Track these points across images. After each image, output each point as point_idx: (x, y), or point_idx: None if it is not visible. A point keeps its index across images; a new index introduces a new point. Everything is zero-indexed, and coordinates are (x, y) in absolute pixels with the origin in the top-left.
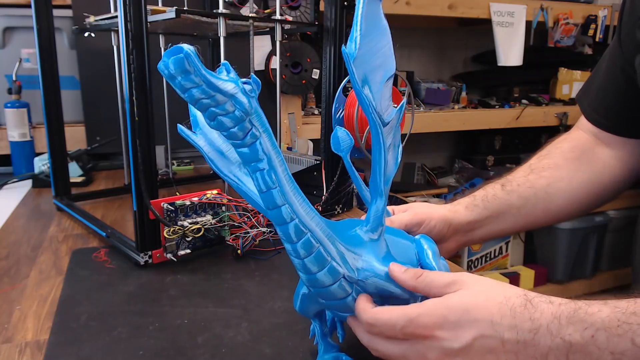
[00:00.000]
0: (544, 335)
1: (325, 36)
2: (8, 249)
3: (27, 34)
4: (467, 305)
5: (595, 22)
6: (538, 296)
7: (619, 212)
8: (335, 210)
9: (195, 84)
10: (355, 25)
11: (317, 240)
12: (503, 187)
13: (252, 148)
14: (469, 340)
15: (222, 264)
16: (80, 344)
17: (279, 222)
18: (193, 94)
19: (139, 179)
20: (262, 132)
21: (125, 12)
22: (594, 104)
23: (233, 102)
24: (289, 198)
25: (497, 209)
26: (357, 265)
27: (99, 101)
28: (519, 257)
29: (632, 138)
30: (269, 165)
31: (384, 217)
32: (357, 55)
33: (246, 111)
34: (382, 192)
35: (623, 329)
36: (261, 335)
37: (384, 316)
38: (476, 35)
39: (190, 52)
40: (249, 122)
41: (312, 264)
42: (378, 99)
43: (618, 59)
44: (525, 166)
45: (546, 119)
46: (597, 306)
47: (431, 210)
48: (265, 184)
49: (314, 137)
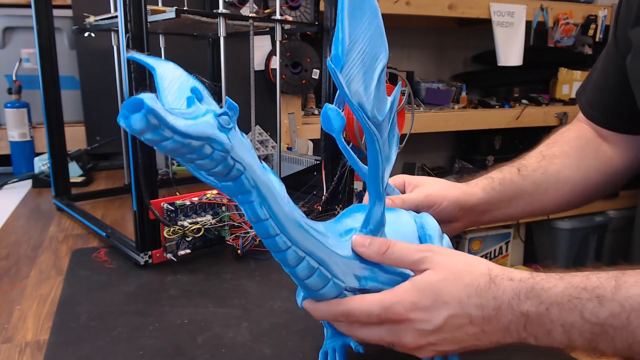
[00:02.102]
0: (506, 311)
1: (325, 36)
2: (8, 249)
3: (27, 34)
4: (437, 289)
5: (595, 22)
6: (501, 273)
7: (619, 212)
8: (335, 210)
9: (165, 137)
10: (341, 22)
11: (317, 261)
12: (519, 171)
13: (237, 182)
14: (440, 321)
15: (222, 264)
16: (80, 344)
17: (274, 250)
18: (164, 146)
19: (139, 179)
20: (247, 164)
21: (125, 12)
22: (591, 101)
23: (210, 144)
24: (283, 227)
25: (511, 193)
26: (359, 274)
27: (99, 101)
28: (519, 257)
29: (628, 134)
30: (259, 197)
31: (384, 218)
32: (345, 60)
33: (226, 150)
34: (381, 195)
35: (573, 303)
36: (261, 335)
37: (358, 306)
38: (476, 35)
39: (152, 104)
40: (231, 158)
41: (314, 284)
42: (372, 101)
43: (614, 57)
44: (536, 152)
45: (546, 119)
46: (553, 281)
47: (445, 191)
48: (256, 216)
49: (314, 137)
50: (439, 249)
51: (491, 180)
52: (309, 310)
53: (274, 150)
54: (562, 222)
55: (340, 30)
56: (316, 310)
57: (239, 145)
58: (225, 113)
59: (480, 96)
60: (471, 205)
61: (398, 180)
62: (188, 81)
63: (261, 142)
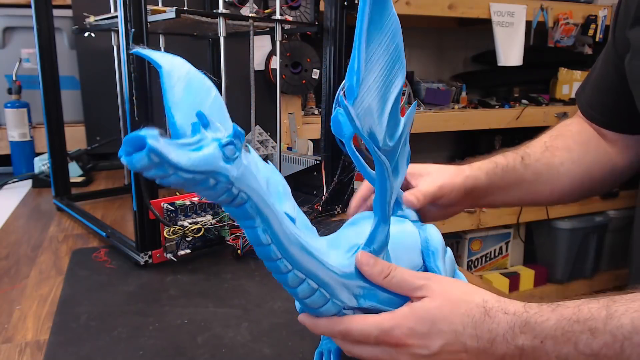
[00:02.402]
0: (501, 343)
1: (325, 36)
2: (8, 249)
3: (27, 34)
4: (434, 318)
5: (595, 22)
6: (496, 305)
7: (619, 212)
8: (335, 210)
9: (169, 174)
10: (358, 48)
11: (317, 282)
12: (523, 160)
13: (240, 209)
14: (436, 348)
15: (222, 264)
16: (80, 344)
17: (275, 272)
18: (169, 181)
19: (139, 179)
20: (252, 192)
21: (125, 12)
22: (590, 101)
23: (214, 177)
24: (285, 251)
25: (512, 181)
26: (358, 293)
27: (99, 101)
28: (519, 257)
29: (626, 134)
30: (263, 222)
31: (388, 239)
32: (359, 92)
33: (230, 182)
34: (387, 218)
35: (567, 336)
36: (261, 335)
37: (357, 326)
38: (476, 35)
39: (154, 144)
40: (235, 187)
41: (312, 302)
42: (384, 129)
43: (612, 58)
44: (540, 142)
45: (546, 119)
46: (546, 314)
47: (453, 179)
48: (258, 241)
49: (314, 137)
50: (438, 278)
51: (494, 165)
52: (306, 324)
53: (274, 150)
54: (562, 222)
55: (357, 59)
56: (315, 326)
57: (244, 173)
58: (231, 142)
59: (480, 96)
60: (474, 190)
61: None
62: (196, 78)
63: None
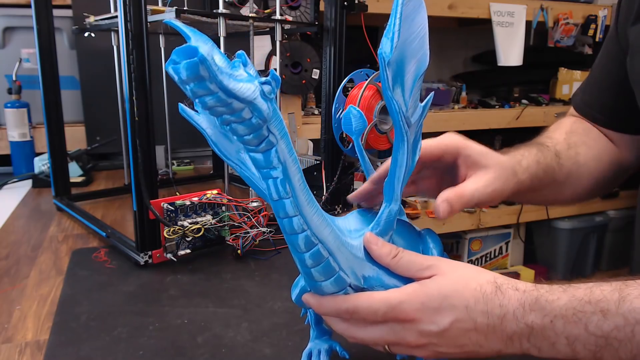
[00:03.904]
0: (510, 321)
1: (325, 36)
2: (8, 249)
3: (27, 34)
4: (446, 293)
5: (595, 22)
6: (506, 282)
7: (619, 212)
8: (336, 211)
9: (210, 92)
10: (394, 17)
11: (327, 251)
12: (558, 159)
13: (266, 155)
14: (446, 324)
15: (222, 264)
16: (80, 344)
17: (288, 231)
18: (206, 101)
19: (139, 179)
20: (280, 139)
21: (125, 12)
22: (589, 100)
23: (251, 109)
24: (302, 209)
25: (547, 183)
26: (364, 273)
27: (99, 101)
28: (519, 257)
29: (626, 133)
30: (284, 174)
31: (394, 222)
32: (392, 56)
33: (264, 118)
34: (397, 198)
35: (577, 317)
36: (261, 335)
37: (365, 303)
38: (476, 35)
39: (207, 55)
40: (267, 129)
41: (319, 274)
42: (408, 102)
43: (614, 54)
44: (560, 139)
45: (546, 119)
46: (557, 294)
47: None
48: (278, 193)
49: (314, 137)
50: (446, 260)
51: (537, 165)
52: (311, 304)
53: None
54: (562, 222)
55: (393, 27)
56: (320, 305)
57: (276, 118)
58: (269, 82)
59: (480, 96)
60: (513, 194)
61: (450, 142)
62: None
63: None
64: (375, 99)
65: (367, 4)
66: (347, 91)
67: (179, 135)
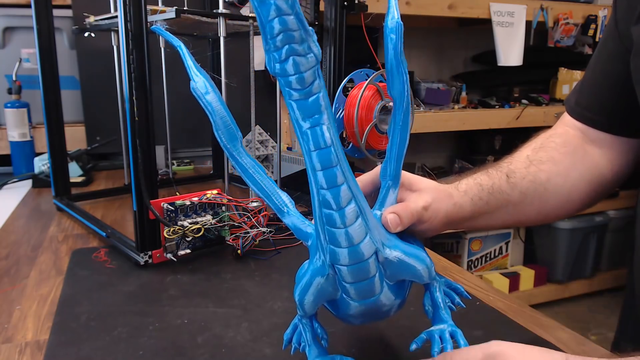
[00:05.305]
0: None
1: (325, 36)
2: (8, 249)
3: (27, 34)
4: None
5: (595, 22)
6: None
7: (619, 212)
8: None
9: (273, 15)
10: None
11: (360, 208)
12: (508, 178)
13: (315, 100)
14: None
15: (222, 264)
16: (80, 344)
17: (330, 184)
18: (285, 20)
19: (139, 179)
20: (323, 83)
21: (125, 12)
22: (586, 102)
23: (314, 42)
24: (341, 159)
25: (498, 204)
26: (383, 241)
27: (99, 101)
28: (519, 257)
29: (625, 137)
30: (330, 120)
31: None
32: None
33: (318, 59)
34: (399, 176)
35: None
36: (261, 335)
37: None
38: (476, 35)
39: None
40: (318, 69)
41: (356, 233)
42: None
43: (616, 52)
44: (522, 157)
45: (546, 119)
46: None
47: (439, 205)
48: (324, 140)
49: None
50: (510, 345)
51: (480, 189)
52: None
53: (274, 150)
54: (562, 222)
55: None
56: None
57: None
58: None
59: (480, 96)
60: (454, 218)
61: None
62: None
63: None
64: (375, 99)
65: (367, 4)
66: (347, 91)
67: (179, 135)
